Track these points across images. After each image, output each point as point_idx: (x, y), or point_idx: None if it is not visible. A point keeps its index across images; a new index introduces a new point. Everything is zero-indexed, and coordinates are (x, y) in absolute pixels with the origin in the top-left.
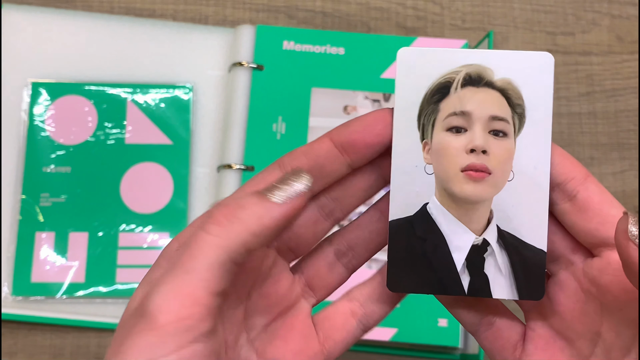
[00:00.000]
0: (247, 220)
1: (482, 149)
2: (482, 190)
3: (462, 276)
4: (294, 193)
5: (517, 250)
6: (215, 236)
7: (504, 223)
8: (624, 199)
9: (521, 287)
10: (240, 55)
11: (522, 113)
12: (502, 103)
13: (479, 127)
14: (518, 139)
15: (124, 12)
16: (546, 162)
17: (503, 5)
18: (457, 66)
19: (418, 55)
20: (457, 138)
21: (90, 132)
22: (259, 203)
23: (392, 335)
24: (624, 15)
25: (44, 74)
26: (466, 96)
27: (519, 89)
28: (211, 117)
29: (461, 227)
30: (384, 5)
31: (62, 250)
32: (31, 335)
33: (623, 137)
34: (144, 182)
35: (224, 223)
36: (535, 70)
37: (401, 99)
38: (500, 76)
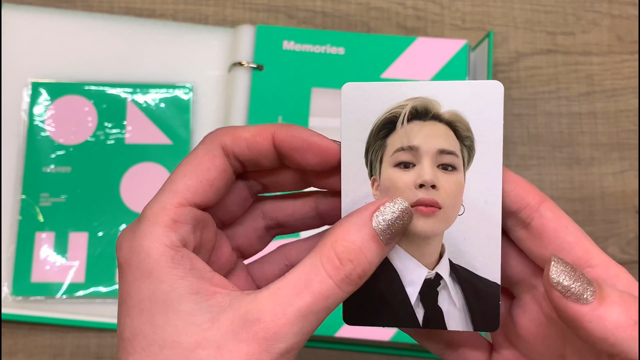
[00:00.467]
0: (367, 274)
1: (432, 183)
2: (432, 225)
3: (416, 310)
4: (401, 229)
5: (471, 284)
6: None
7: (456, 257)
8: (623, 199)
9: (476, 319)
10: (240, 55)
11: (470, 145)
12: (450, 136)
13: (428, 161)
14: (468, 172)
15: (124, 12)
16: (497, 194)
17: (503, 5)
18: (402, 99)
19: (363, 90)
20: (405, 173)
21: (90, 132)
22: (380, 254)
23: (392, 335)
24: (624, 15)
25: (44, 74)
26: (413, 130)
27: (467, 121)
28: (211, 117)
29: (413, 261)
30: (384, 5)
31: (62, 250)
32: (31, 335)
33: (623, 137)
34: (144, 182)
35: (356, 282)
36: (484, 100)
37: (348, 135)
38: (447, 108)
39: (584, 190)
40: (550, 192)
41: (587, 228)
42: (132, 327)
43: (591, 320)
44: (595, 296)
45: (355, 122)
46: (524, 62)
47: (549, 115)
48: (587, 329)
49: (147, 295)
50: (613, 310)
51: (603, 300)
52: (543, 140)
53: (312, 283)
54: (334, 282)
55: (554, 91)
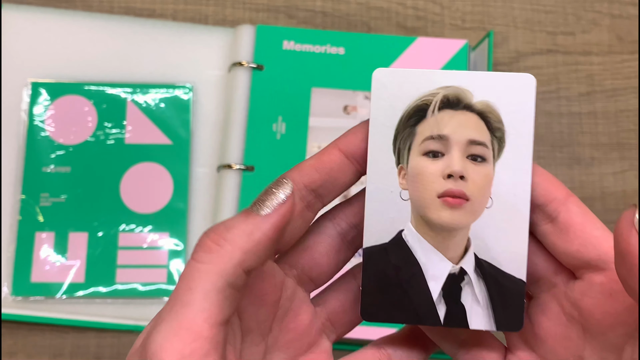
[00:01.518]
0: (237, 239)
1: (460, 174)
2: (459, 217)
3: (438, 306)
4: (278, 202)
5: (496, 280)
6: (207, 263)
7: (481, 251)
8: (624, 199)
9: (499, 317)
10: (240, 55)
11: (501, 137)
12: (481, 127)
13: (457, 151)
14: (497, 164)
15: (124, 12)
16: (526, 188)
17: (503, 5)
18: (434, 88)
19: (394, 76)
20: (434, 163)
21: (90, 132)
22: (245, 220)
23: None
24: (624, 15)
25: (44, 74)
26: (444, 119)
27: (499, 112)
28: (211, 117)
29: (438, 255)
30: (384, 5)
31: (62, 250)
32: (31, 335)
33: (623, 137)
34: (143, 182)
35: (214, 248)
36: (516, 92)
37: (376, 121)
38: (480, 98)
39: (584, 190)
40: None
41: None
42: None
43: None
44: None
45: (385, 108)
46: (524, 62)
47: (549, 115)
48: None
49: None
50: None
51: None
52: (543, 140)
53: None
54: (191, 257)
55: (554, 91)
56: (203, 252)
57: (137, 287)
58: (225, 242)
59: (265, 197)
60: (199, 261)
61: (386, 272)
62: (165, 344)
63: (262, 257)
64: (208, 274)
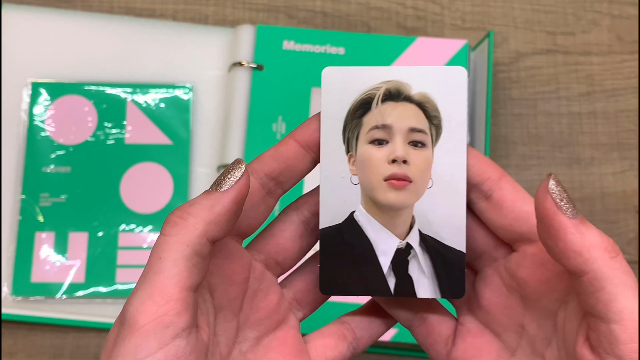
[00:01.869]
0: (200, 212)
1: (403, 159)
2: (404, 197)
3: (388, 278)
4: (235, 179)
5: (438, 252)
6: (173, 235)
7: (425, 227)
8: (624, 199)
9: (443, 286)
10: (240, 55)
11: (438, 124)
12: (420, 116)
13: (400, 138)
14: (436, 149)
15: (124, 12)
16: (462, 169)
17: (503, 5)
18: (377, 83)
19: (342, 73)
20: (379, 150)
21: (90, 132)
22: (207, 196)
23: (392, 336)
24: (624, 15)
25: (44, 74)
26: (386, 110)
27: (435, 102)
28: (211, 117)
29: (386, 232)
30: (384, 5)
31: (62, 250)
32: (31, 335)
33: (623, 137)
34: (144, 182)
35: (179, 222)
36: (449, 84)
37: (327, 114)
38: (418, 90)
39: (584, 190)
40: None
41: None
42: None
43: (574, 233)
44: (579, 218)
45: (334, 102)
46: (524, 62)
47: (549, 115)
48: (567, 240)
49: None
50: (592, 232)
51: (584, 222)
52: (543, 140)
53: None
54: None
55: (554, 91)
56: (170, 226)
57: None
58: (188, 216)
59: (222, 177)
60: (166, 234)
61: (341, 250)
62: (141, 307)
63: (224, 228)
64: (176, 244)
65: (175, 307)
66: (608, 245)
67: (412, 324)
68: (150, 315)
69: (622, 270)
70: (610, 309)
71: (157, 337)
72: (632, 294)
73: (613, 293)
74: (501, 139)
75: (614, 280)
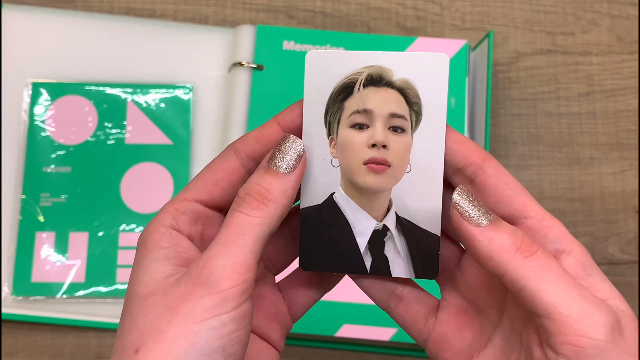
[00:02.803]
0: (278, 198)
1: (383, 143)
2: (382, 181)
3: (364, 257)
4: (296, 157)
5: (414, 235)
6: (257, 217)
7: (402, 210)
8: (623, 199)
9: (417, 267)
10: (240, 55)
11: (418, 110)
12: (401, 101)
13: (380, 123)
14: (415, 134)
15: (124, 12)
16: (440, 155)
17: (503, 5)
18: (360, 67)
19: (325, 57)
20: (360, 134)
21: (91, 132)
22: (279, 181)
23: (392, 335)
24: (623, 15)
25: (44, 74)
26: (368, 95)
27: (416, 88)
28: (211, 117)
29: (364, 214)
30: (384, 5)
31: (62, 250)
32: (31, 335)
33: (623, 137)
34: (144, 182)
35: (262, 207)
36: (431, 70)
37: (309, 98)
38: (400, 76)
39: (583, 190)
40: (550, 192)
41: (587, 228)
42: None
43: (481, 240)
44: (489, 223)
45: (317, 86)
46: (523, 62)
47: (549, 115)
48: (476, 248)
49: (136, 261)
50: (501, 236)
51: (494, 227)
52: (543, 140)
53: (226, 222)
54: (239, 211)
55: (553, 91)
56: (251, 208)
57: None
58: (269, 202)
59: (281, 154)
60: (250, 215)
61: (320, 229)
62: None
63: (291, 206)
64: (258, 226)
65: (252, 277)
66: (521, 244)
67: (389, 304)
68: (232, 282)
69: (539, 267)
70: (536, 305)
71: (236, 300)
72: (553, 288)
73: (534, 290)
74: (501, 139)
75: (530, 278)
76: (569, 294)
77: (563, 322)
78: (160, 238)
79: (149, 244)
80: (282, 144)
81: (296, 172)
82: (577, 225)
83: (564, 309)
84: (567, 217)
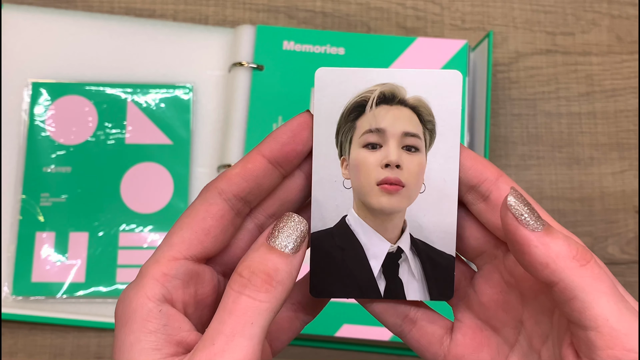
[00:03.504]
0: (285, 280)
1: (396, 163)
2: (396, 202)
3: (378, 281)
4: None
5: (429, 256)
6: (265, 302)
7: (416, 231)
8: (623, 199)
9: (432, 288)
10: (240, 55)
11: (432, 129)
12: (414, 120)
13: (393, 143)
14: (429, 153)
15: (124, 12)
16: (455, 175)
17: (503, 5)
18: (371, 85)
19: (335, 74)
20: (372, 154)
21: (91, 132)
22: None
23: (392, 335)
24: (623, 15)
25: (44, 74)
26: (380, 114)
27: (430, 106)
28: (211, 117)
29: (377, 236)
30: (384, 5)
31: (62, 250)
32: (31, 335)
33: (623, 137)
34: (144, 182)
35: (270, 289)
36: (445, 88)
37: (320, 117)
38: (412, 94)
39: (583, 190)
40: (550, 192)
41: (587, 228)
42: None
43: (537, 246)
44: (544, 229)
45: (327, 105)
46: (523, 62)
47: (549, 115)
48: (531, 254)
49: (119, 345)
50: (557, 242)
51: (549, 232)
52: (543, 140)
53: (229, 307)
54: (245, 295)
55: (553, 91)
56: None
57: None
58: (277, 284)
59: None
60: (257, 299)
61: (332, 253)
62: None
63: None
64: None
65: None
66: (577, 253)
67: (403, 329)
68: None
69: (593, 277)
70: (585, 317)
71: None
72: (605, 300)
73: (586, 301)
74: (501, 139)
75: (585, 288)
76: (618, 307)
77: (612, 336)
78: (148, 317)
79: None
80: (285, 223)
81: (301, 253)
82: (577, 225)
83: (614, 323)
84: (567, 217)
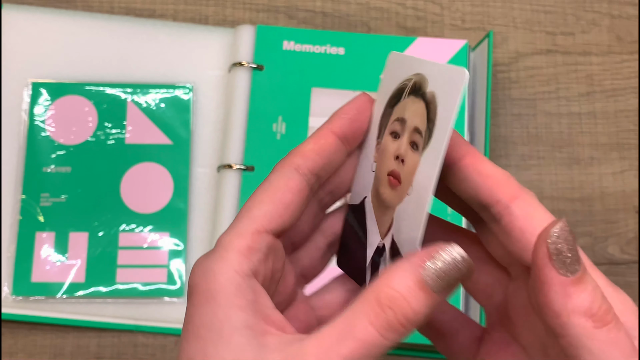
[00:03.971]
0: (416, 323)
1: (402, 157)
2: (392, 197)
3: (367, 271)
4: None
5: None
6: (389, 342)
7: (396, 233)
8: (623, 199)
9: None
10: (240, 55)
11: (432, 129)
12: (424, 116)
13: (406, 135)
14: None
15: (124, 12)
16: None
17: (503, 5)
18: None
19: (399, 60)
20: (393, 143)
21: (91, 132)
22: (429, 304)
23: None
24: (623, 15)
25: (44, 74)
26: (407, 104)
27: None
28: (211, 117)
29: (375, 227)
30: (384, 5)
31: (62, 250)
32: (31, 335)
33: (623, 137)
34: (144, 182)
35: (401, 330)
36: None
37: (378, 99)
38: (430, 88)
39: (583, 190)
40: (550, 192)
41: (587, 228)
42: (188, 353)
43: (557, 292)
44: (574, 277)
45: (384, 88)
46: (523, 62)
47: (549, 115)
48: (549, 297)
49: (206, 322)
50: (579, 295)
51: (578, 281)
52: (543, 140)
53: (355, 330)
54: (376, 329)
55: (553, 91)
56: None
57: (137, 286)
58: (411, 326)
59: (450, 282)
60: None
61: (349, 231)
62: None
63: None
64: (384, 349)
65: None
66: (597, 311)
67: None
68: None
69: (606, 341)
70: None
71: None
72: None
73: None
74: (501, 139)
75: (593, 351)
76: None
77: None
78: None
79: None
80: (449, 259)
81: (446, 293)
82: (577, 225)
83: None
84: (567, 217)
